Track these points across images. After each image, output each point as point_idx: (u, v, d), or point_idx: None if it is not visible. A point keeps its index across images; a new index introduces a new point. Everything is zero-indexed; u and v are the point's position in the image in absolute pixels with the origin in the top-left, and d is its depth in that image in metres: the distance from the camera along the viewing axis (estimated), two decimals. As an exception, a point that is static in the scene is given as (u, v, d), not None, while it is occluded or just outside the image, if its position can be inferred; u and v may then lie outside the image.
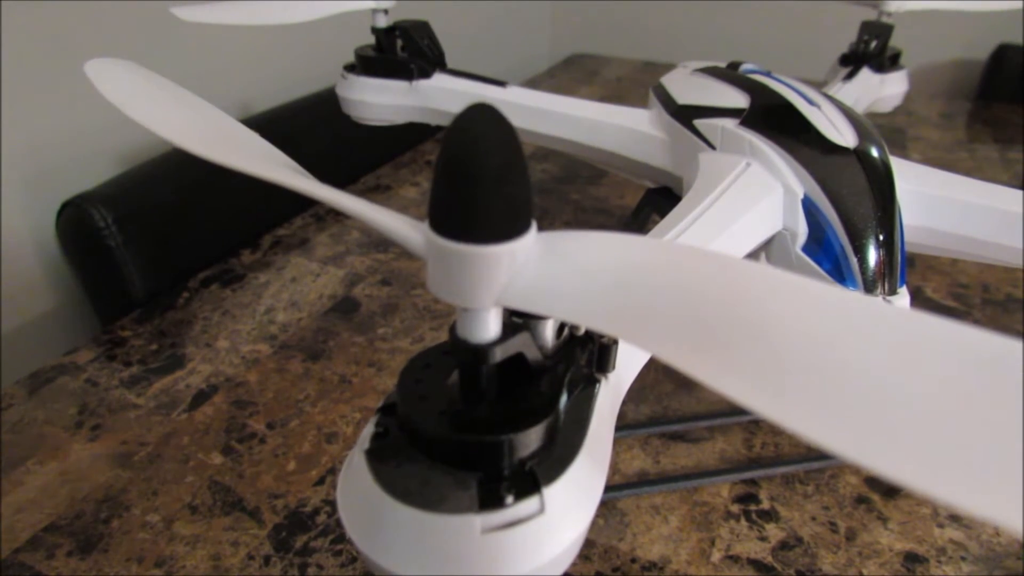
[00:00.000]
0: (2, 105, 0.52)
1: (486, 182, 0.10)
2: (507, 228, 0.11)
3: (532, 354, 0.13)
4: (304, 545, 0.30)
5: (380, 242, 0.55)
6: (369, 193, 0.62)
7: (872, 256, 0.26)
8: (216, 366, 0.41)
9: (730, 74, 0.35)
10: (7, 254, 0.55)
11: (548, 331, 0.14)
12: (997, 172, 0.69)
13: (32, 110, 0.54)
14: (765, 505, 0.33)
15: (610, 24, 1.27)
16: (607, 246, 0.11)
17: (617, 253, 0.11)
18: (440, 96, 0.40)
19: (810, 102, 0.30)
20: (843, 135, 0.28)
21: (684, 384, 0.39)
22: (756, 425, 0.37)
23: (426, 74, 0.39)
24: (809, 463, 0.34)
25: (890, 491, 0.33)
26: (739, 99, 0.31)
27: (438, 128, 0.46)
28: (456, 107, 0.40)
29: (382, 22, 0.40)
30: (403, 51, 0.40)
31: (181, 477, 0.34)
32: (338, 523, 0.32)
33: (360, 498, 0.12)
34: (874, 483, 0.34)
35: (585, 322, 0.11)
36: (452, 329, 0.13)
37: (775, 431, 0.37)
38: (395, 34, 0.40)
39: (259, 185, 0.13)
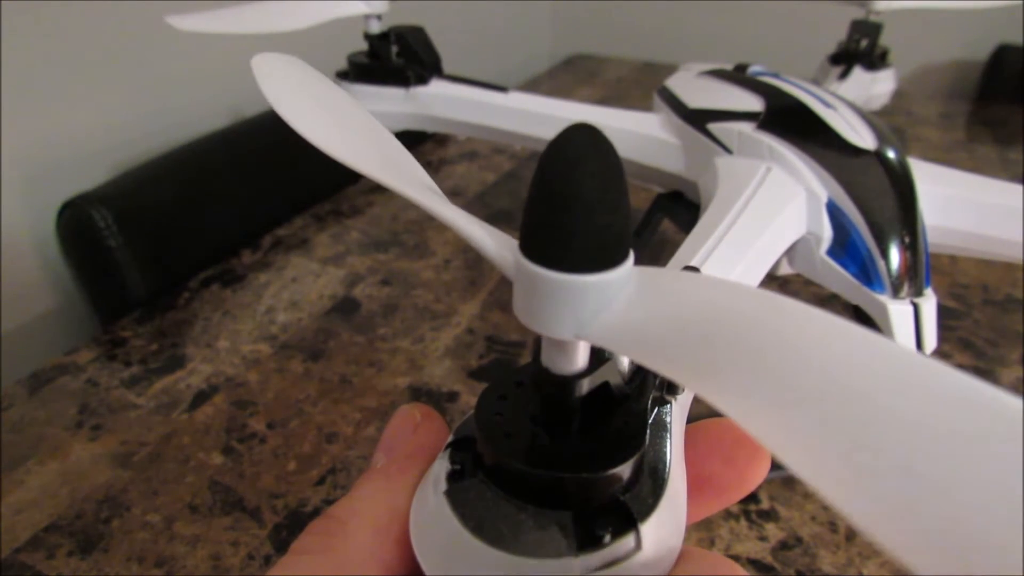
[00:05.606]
0: (2, 105, 0.52)
1: (582, 210, 0.10)
2: (599, 259, 0.10)
3: (615, 381, 0.13)
4: (304, 545, 0.31)
5: (380, 242, 0.55)
6: (370, 193, 0.62)
7: (897, 258, 0.26)
8: (216, 366, 0.42)
9: (740, 77, 0.34)
10: (7, 254, 0.55)
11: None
12: (996, 172, 0.69)
13: (32, 110, 0.54)
14: (765, 505, 0.33)
15: (610, 24, 1.27)
16: (709, 291, 0.11)
17: (720, 301, 0.10)
18: (439, 103, 0.39)
19: (826, 104, 0.29)
20: (862, 137, 0.27)
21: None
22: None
23: (423, 80, 0.39)
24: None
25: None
26: (753, 102, 0.31)
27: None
28: (456, 114, 0.40)
29: (375, 28, 0.39)
30: (398, 57, 0.40)
31: (181, 477, 0.34)
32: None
33: (445, 543, 0.12)
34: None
35: (664, 372, 0.10)
36: (536, 359, 0.12)
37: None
38: (389, 40, 0.40)
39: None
